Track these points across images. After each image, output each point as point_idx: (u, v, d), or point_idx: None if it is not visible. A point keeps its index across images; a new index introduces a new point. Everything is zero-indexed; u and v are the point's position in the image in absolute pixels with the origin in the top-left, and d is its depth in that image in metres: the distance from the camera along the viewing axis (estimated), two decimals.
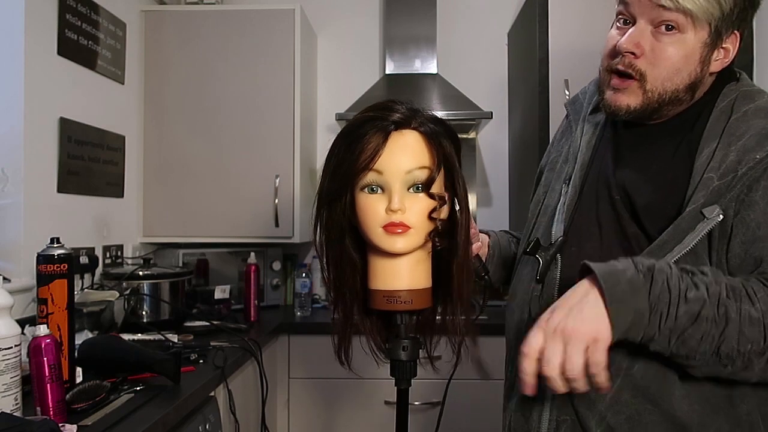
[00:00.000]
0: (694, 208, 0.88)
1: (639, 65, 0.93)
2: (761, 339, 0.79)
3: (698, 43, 0.91)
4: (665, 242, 0.89)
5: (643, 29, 0.92)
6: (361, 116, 0.87)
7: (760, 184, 0.86)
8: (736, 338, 0.78)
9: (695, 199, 0.89)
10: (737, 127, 0.91)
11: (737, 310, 0.79)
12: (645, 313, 0.79)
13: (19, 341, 1.15)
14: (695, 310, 0.79)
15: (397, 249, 0.85)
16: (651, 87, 0.93)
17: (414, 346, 0.90)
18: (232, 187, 2.53)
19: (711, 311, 0.79)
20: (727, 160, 0.89)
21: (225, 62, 2.54)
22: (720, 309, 0.79)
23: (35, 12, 1.85)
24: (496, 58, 2.90)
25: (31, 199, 1.84)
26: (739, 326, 0.78)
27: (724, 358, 0.79)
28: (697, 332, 0.79)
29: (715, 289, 0.80)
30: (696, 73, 0.93)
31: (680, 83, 0.93)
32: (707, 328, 0.78)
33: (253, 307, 2.36)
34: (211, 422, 1.55)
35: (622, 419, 0.89)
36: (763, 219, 0.86)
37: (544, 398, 0.95)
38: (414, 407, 2.23)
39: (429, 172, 0.84)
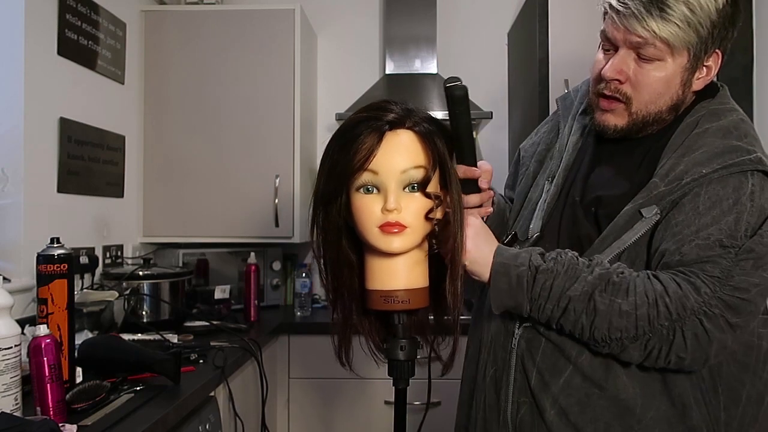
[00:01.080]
0: (631, 207, 0.97)
1: (624, 90, 0.99)
2: (631, 328, 0.89)
3: (678, 68, 0.97)
4: (605, 238, 0.98)
5: (625, 57, 0.98)
6: (355, 117, 0.87)
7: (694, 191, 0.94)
8: (606, 327, 0.90)
9: (635, 199, 0.97)
10: (695, 142, 0.98)
11: (608, 304, 0.89)
12: (523, 304, 0.93)
13: (19, 341, 1.15)
14: (563, 305, 0.91)
15: (394, 249, 0.85)
16: (636, 109, 1.00)
17: (412, 346, 0.90)
18: (232, 187, 2.53)
19: (580, 305, 0.90)
20: (676, 170, 0.96)
21: (225, 62, 2.54)
22: (590, 303, 0.90)
23: (35, 12, 1.85)
24: (496, 58, 2.90)
25: (31, 199, 1.84)
26: (609, 318, 0.89)
27: (600, 342, 0.91)
28: (568, 322, 0.92)
29: (589, 288, 0.90)
30: (678, 95, 1.00)
31: (663, 105, 1.00)
32: (575, 318, 0.91)
33: (253, 307, 2.36)
34: (211, 422, 1.55)
35: (573, 401, 0.97)
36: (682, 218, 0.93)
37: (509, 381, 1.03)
38: (412, 407, 2.23)
39: (424, 172, 0.84)
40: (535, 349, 1.01)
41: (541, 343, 1.00)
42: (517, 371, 1.02)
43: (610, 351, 0.92)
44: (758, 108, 2.15)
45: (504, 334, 1.06)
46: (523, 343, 1.02)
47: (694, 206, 0.93)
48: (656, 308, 0.88)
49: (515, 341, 1.03)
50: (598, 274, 0.91)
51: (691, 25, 0.93)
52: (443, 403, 2.29)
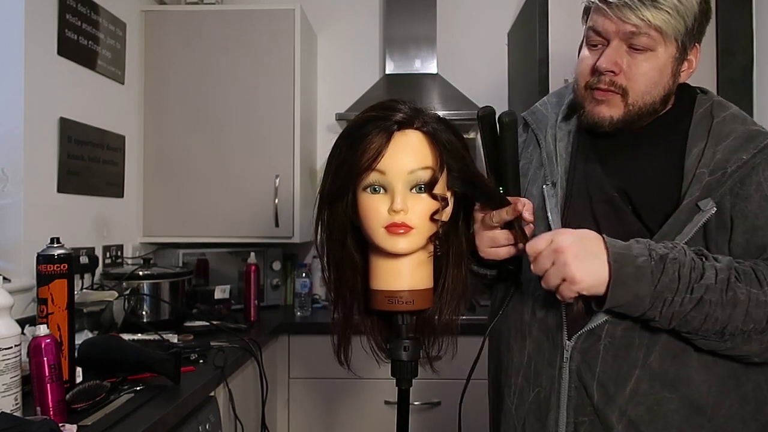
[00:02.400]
0: (690, 200, 0.95)
1: (620, 82, 0.99)
2: (764, 319, 0.87)
3: (669, 58, 0.99)
4: (666, 234, 0.95)
5: (618, 48, 0.98)
6: (363, 116, 0.86)
7: (752, 179, 0.95)
8: (742, 319, 0.86)
9: (690, 193, 0.96)
10: (720, 130, 0.99)
11: (746, 293, 0.87)
12: (645, 299, 0.86)
13: (19, 341, 1.15)
14: (698, 296, 0.86)
15: (399, 249, 0.84)
16: (633, 100, 1.00)
17: (415, 347, 0.90)
18: (232, 187, 2.53)
19: (717, 296, 0.86)
20: (715, 158, 0.97)
21: (225, 62, 2.54)
22: (728, 293, 0.86)
23: (35, 12, 1.85)
24: (496, 58, 2.90)
25: (31, 199, 1.84)
26: (747, 308, 0.86)
27: (728, 336, 0.88)
28: (700, 314, 0.86)
29: (725, 275, 0.87)
30: (669, 86, 1.01)
31: (657, 96, 1.01)
32: (710, 310, 0.86)
33: (253, 307, 2.36)
34: (211, 422, 1.55)
35: (643, 410, 0.93)
36: (759, 210, 0.94)
37: (560, 402, 0.97)
38: (414, 407, 2.23)
39: (432, 173, 0.84)
40: (593, 359, 0.95)
41: (600, 351, 0.94)
42: (572, 388, 0.96)
43: (732, 346, 0.89)
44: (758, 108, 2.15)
45: (549, 349, 1.00)
46: (577, 356, 0.96)
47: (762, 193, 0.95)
48: None
49: (567, 354, 0.97)
50: (727, 261, 0.90)
51: (680, 13, 0.96)
52: (443, 403, 2.30)
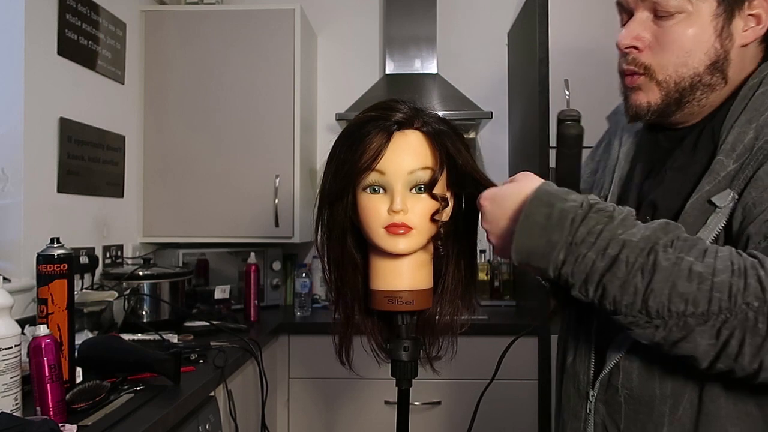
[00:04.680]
0: (698, 197, 0.78)
1: (643, 59, 0.85)
2: (702, 299, 0.64)
3: (707, 16, 0.81)
4: None
5: (642, 19, 0.84)
6: (363, 116, 0.86)
7: None
8: (667, 292, 0.65)
9: (700, 187, 0.79)
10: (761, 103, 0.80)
11: (673, 260, 0.66)
12: (557, 247, 0.70)
13: (19, 341, 1.15)
14: (613, 253, 0.67)
15: (399, 250, 0.84)
16: (664, 77, 0.84)
17: (415, 347, 0.90)
18: (232, 187, 2.53)
19: (633, 255, 0.67)
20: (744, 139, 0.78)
21: (225, 62, 2.54)
22: (650, 255, 0.66)
23: (35, 12, 1.85)
24: (496, 58, 2.90)
25: (31, 199, 1.84)
26: (671, 277, 0.65)
27: (654, 316, 0.66)
28: (613, 281, 0.67)
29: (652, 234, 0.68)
30: (716, 50, 0.82)
31: (698, 65, 0.82)
32: (626, 273, 0.67)
33: (253, 307, 2.36)
34: (211, 422, 1.55)
35: None
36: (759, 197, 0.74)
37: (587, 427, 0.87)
38: (414, 407, 2.23)
39: (431, 173, 0.84)
40: (617, 413, 0.82)
41: (621, 404, 0.81)
42: None
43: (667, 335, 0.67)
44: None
45: (575, 397, 0.88)
46: (602, 408, 0.84)
47: None
48: (744, 279, 0.64)
49: (591, 406, 0.85)
50: (664, 223, 0.70)
51: None
52: (443, 403, 2.30)
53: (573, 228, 0.69)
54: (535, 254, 0.72)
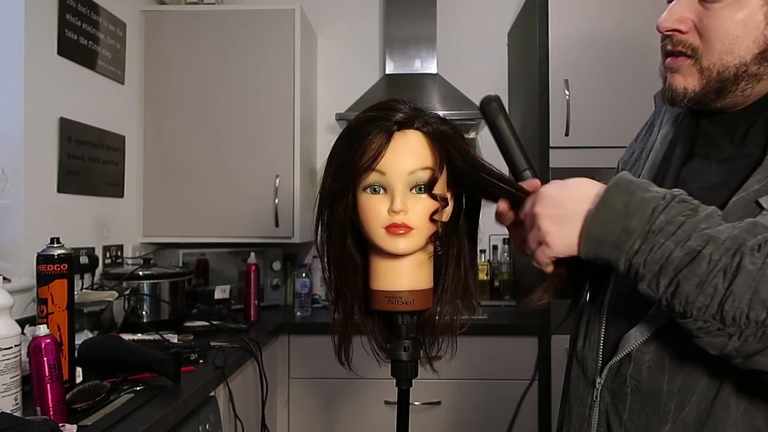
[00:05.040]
0: (743, 196, 0.72)
1: (690, 40, 0.78)
2: None
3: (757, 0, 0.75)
4: None
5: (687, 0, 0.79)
6: (363, 116, 0.86)
7: None
8: (748, 297, 0.60)
9: (747, 186, 0.72)
10: None
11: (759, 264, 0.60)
12: (633, 236, 0.65)
13: (19, 341, 1.15)
14: (696, 247, 0.62)
15: (399, 250, 0.84)
16: (708, 64, 0.78)
17: (415, 347, 0.90)
18: (232, 187, 2.53)
19: (718, 253, 0.62)
20: None
21: (225, 62, 2.54)
22: (736, 256, 0.61)
23: (35, 12, 1.85)
24: (496, 58, 2.90)
25: (31, 199, 1.84)
26: (755, 282, 0.60)
27: (729, 322, 0.61)
28: (694, 275, 0.62)
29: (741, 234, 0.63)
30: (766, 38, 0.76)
31: (745, 54, 0.76)
32: (707, 271, 0.62)
33: (253, 307, 2.36)
34: (211, 422, 1.55)
35: None
36: None
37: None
38: (414, 407, 2.23)
39: (432, 173, 0.84)
40: (621, 403, 0.80)
41: (627, 394, 0.79)
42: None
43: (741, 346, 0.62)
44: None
45: (583, 382, 0.86)
46: (607, 396, 0.82)
47: None
48: None
49: (597, 393, 0.83)
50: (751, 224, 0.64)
51: None
52: (443, 403, 2.30)
53: (654, 216, 0.65)
54: (607, 243, 0.67)
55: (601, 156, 2.24)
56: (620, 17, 2.25)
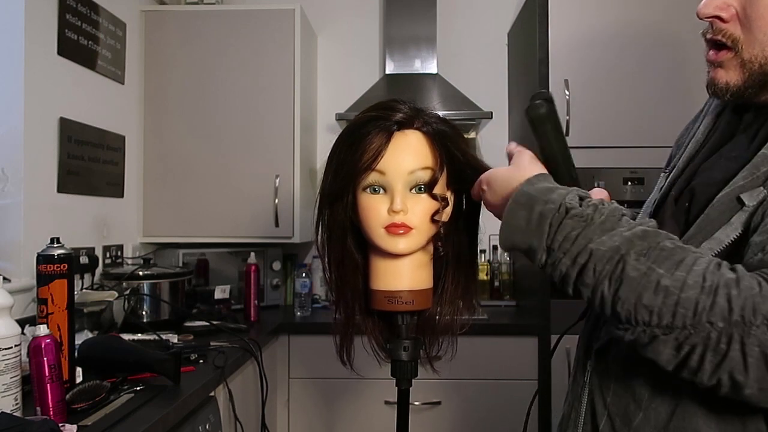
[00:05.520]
0: (728, 192, 0.72)
1: (730, 30, 0.76)
2: (666, 313, 0.63)
3: None
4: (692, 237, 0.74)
5: None
6: (363, 116, 0.86)
7: None
8: (633, 302, 0.64)
9: (734, 182, 0.72)
10: None
11: (643, 270, 0.64)
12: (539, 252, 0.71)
13: (19, 341, 1.15)
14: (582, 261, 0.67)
15: (399, 250, 0.84)
16: (749, 56, 0.75)
17: (415, 347, 0.90)
18: (232, 187, 2.53)
19: (601, 264, 0.66)
20: None
21: (225, 62, 2.54)
22: (619, 264, 0.65)
23: (35, 12, 1.85)
24: (496, 58, 2.90)
25: (31, 199, 1.84)
26: (638, 287, 0.64)
27: (624, 321, 0.66)
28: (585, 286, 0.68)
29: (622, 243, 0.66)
30: None
31: None
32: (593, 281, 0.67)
33: (253, 307, 2.36)
34: (211, 422, 1.55)
35: None
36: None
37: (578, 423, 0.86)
38: (414, 407, 2.23)
39: (431, 173, 0.84)
40: (606, 387, 0.81)
41: (612, 378, 0.81)
42: (588, 412, 0.84)
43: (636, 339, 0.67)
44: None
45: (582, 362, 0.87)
46: (595, 379, 0.83)
47: None
48: (712, 297, 0.62)
49: (588, 375, 0.84)
50: (641, 231, 0.67)
51: None
52: (443, 403, 2.30)
53: (551, 232, 0.70)
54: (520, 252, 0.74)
55: (601, 156, 2.25)
56: (620, 17, 2.25)
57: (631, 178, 2.24)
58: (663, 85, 2.22)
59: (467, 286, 0.93)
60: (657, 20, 2.24)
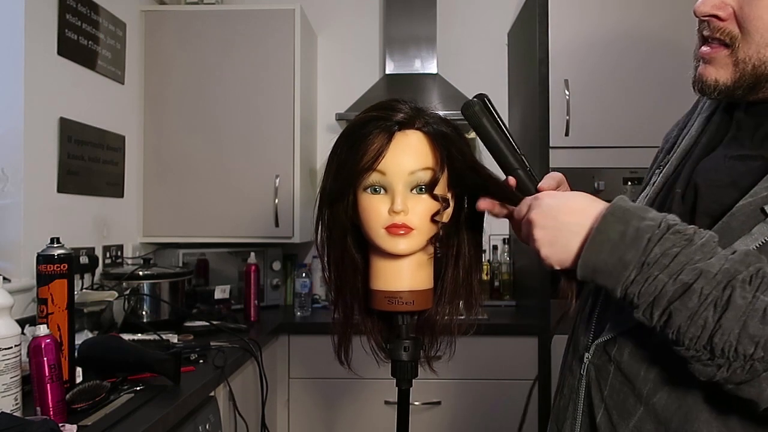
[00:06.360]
0: (750, 201, 0.70)
1: (729, 28, 0.74)
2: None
3: None
4: None
5: None
6: (364, 116, 0.86)
7: None
8: (737, 331, 0.61)
9: (756, 191, 0.70)
10: None
11: (749, 298, 0.61)
12: (630, 267, 0.67)
13: (19, 341, 1.15)
14: (687, 281, 0.63)
15: (400, 250, 0.84)
16: (744, 56, 0.74)
17: (415, 347, 0.90)
18: (232, 187, 2.53)
19: (709, 287, 0.63)
20: None
21: (225, 62, 2.54)
22: (726, 290, 0.62)
23: (35, 12, 1.85)
24: (496, 58, 2.90)
25: (31, 199, 1.84)
26: (744, 316, 0.61)
27: (718, 354, 0.63)
28: (685, 308, 0.64)
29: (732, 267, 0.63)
30: None
31: None
32: (697, 305, 0.63)
33: (253, 307, 2.36)
34: (211, 422, 1.55)
35: None
36: None
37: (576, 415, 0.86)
38: (414, 407, 2.23)
39: (432, 174, 0.84)
40: (603, 380, 0.80)
41: (610, 372, 0.80)
42: (585, 404, 0.83)
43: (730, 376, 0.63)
44: None
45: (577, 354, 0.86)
46: (592, 370, 0.82)
47: None
48: None
49: (584, 367, 0.83)
50: (743, 255, 0.64)
51: None
52: (443, 403, 2.30)
53: (648, 248, 0.66)
54: (603, 272, 0.69)
55: (601, 156, 2.25)
56: (620, 17, 2.25)
57: (631, 178, 2.24)
58: (663, 84, 2.22)
59: (468, 286, 0.93)
60: (657, 20, 2.24)
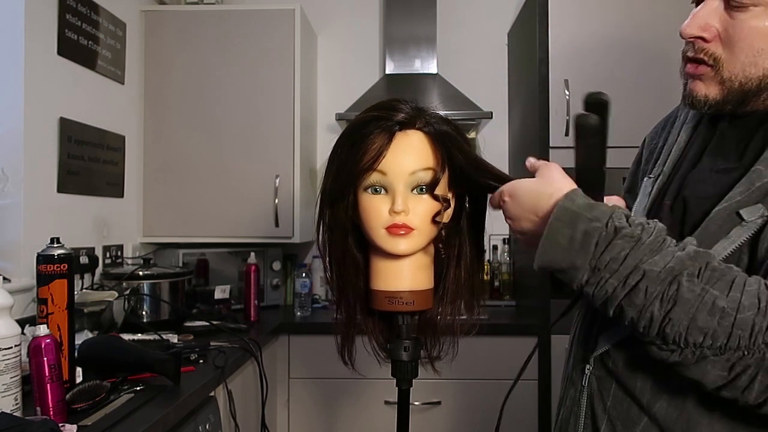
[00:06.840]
0: (726, 206, 0.74)
1: (712, 50, 0.78)
2: (721, 334, 0.64)
3: None
4: None
5: (713, 7, 0.77)
6: (365, 115, 0.86)
7: None
8: (686, 323, 0.65)
9: (730, 196, 0.74)
10: None
11: (698, 291, 0.65)
12: (581, 271, 0.70)
13: (19, 341, 1.15)
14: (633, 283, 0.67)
15: (400, 251, 0.84)
16: (729, 75, 0.77)
17: (415, 347, 0.90)
18: (232, 187, 2.53)
19: (654, 286, 0.66)
20: None
21: (225, 62, 2.54)
22: (672, 285, 0.65)
23: (35, 12, 1.85)
24: (496, 58, 2.90)
25: (31, 199, 1.84)
26: (692, 309, 0.65)
27: (670, 342, 0.67)
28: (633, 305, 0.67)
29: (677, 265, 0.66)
30: None
31: None
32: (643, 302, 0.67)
33: (253, 307, 2.36)
34: (211, 422, 1.55)
35: None
36: None
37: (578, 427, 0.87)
38: (414, 407, 2.23)
39: (433, 174, 0.84)
40: (606, 390, 0.82)
41: (612, 384, 0.81)
42: (587, 416, 0.84)
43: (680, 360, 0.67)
44: None
45: (579, 366, 0.87)
46: (594, 382, 0.84)
47: None
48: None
49: (586, 379, 0.85)
50: (693, 251, 0.67)
51: None
52: (443, 403, 2.30)
53: (597, 252, 0.68)
54: (557, 271, 0.72)
55: None
56: (620, 17, 2.25)
57: None
58: (663, 84, 2.22)
59: (469, 287, 0.93)
60: (657, 20, 2.23)
